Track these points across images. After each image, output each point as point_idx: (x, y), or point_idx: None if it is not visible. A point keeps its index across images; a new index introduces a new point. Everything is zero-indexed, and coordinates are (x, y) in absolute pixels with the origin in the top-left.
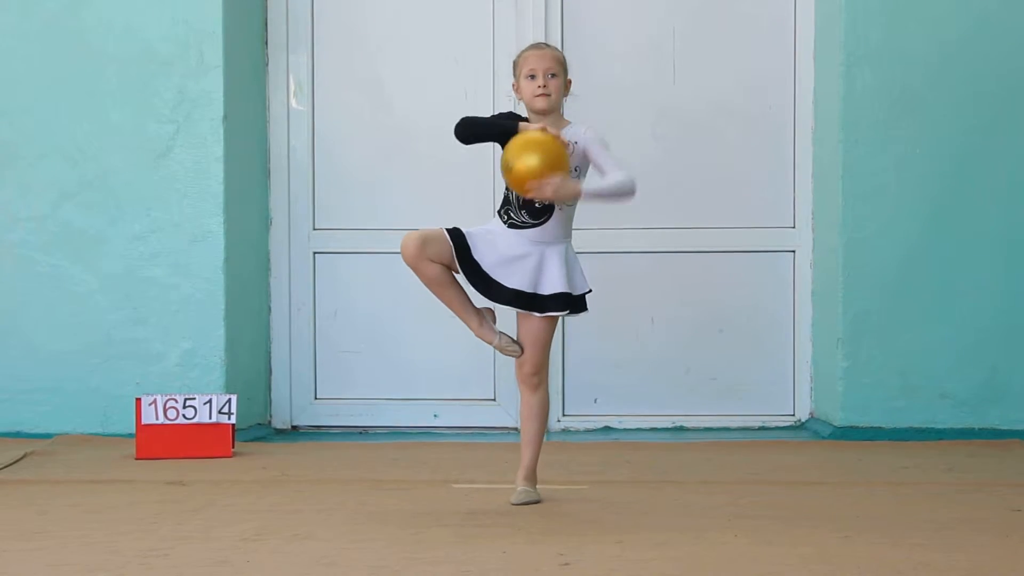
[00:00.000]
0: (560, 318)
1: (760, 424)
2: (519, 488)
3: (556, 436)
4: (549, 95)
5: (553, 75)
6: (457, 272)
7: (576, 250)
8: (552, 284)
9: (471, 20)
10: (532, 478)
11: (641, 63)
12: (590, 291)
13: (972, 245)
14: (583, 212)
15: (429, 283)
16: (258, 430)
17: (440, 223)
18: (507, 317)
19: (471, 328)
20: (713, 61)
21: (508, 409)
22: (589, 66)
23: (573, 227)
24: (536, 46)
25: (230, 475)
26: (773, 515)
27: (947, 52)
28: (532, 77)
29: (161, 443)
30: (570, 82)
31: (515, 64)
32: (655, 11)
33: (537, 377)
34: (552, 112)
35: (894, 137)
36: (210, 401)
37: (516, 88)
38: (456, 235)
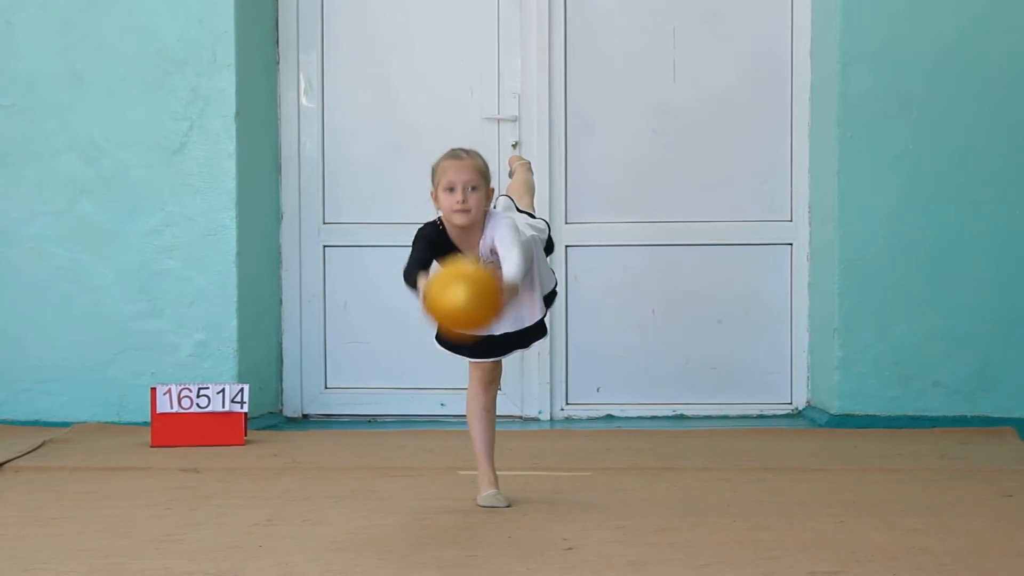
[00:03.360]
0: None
1: (758, 412)
2: (493, 492)
3: (559, 424)
4: (469, 211)
5: (474, 188)
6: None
7: (579, 242)
8: (531, 314)
9: (477, 19)
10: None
11: (642, 61)
12: (555, 283)
13: (964, 238)
14: (586, 206)
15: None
16: (270, 419)
17: None
18: None
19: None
20: (712, 58)
21: (513, 398)
22: (592, 64)
23: (574, 221)
24: (455, 155)
25: (243, 462)
26: (771, 501)
27: (943, 51)
28: (451, 190)
29: (175, 431)
30: (492, 191)
31: (433, 171)
32: (656, 10)
33: (496, 382)
34: (473, 227)
35: (889, 134)
36: (223, 390)
37: (434, 197)
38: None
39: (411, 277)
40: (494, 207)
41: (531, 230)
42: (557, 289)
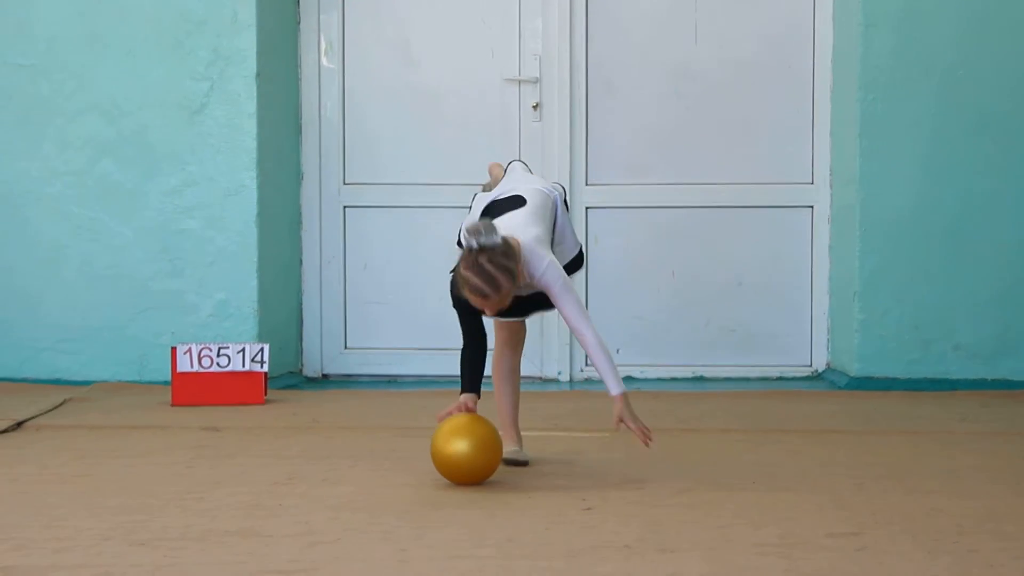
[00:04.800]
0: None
1: (778, 374)
2: (516, 448)
3: (579, 385)
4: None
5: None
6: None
7: (600, 204)
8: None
9: None
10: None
11: (665, 23)
12: (580, 247)
13: (986, 201)
14: (607, 168)
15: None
16: (289, 378)
17: (464, 179)
18: None
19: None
20: (734, 21)
21: (533, 359)
22: (615, 26)
23: (595, 183)
24: (479, 292)
25: (262, 422)
26: (790, 462)
27: (966, 13)
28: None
29: (196, 390)
30: (521, 271)
31: (455, 274)
32: None
33: (522, 344)
34: None
35: (912, 96)
36: (243, 350)
37: None
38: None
39: (474, 348)
40: (504, 171)
41: (556, 190)
42: (583, 252)
